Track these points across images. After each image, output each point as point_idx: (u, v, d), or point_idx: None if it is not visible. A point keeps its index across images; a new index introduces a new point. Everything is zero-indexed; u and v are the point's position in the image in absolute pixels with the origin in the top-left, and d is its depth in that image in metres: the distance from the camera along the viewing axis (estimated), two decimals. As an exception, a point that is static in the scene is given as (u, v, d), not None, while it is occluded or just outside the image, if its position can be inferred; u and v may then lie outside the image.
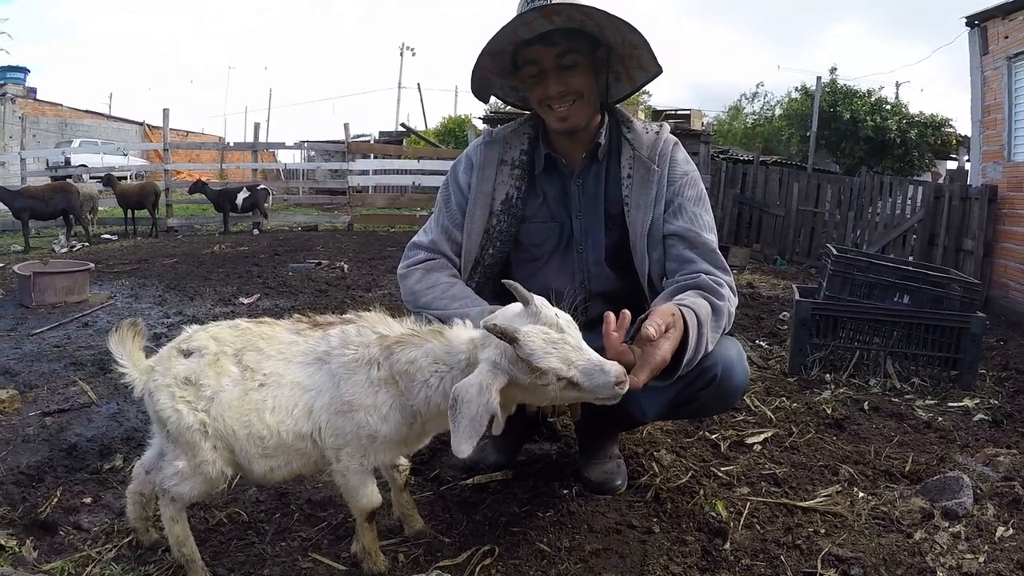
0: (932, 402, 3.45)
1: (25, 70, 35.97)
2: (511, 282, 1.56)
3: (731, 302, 1.95)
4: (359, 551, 1.88)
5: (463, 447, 1.44)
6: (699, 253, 2.01)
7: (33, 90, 34.05)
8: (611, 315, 1.64)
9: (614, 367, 1.50)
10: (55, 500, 2.32)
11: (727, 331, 1.96)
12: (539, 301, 1.52)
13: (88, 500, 2.34)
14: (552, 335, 1.48)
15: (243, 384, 1.72)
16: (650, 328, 1.61)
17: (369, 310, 1.84)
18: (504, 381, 1.49)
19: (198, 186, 13.00)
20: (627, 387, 1.53)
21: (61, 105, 33.26)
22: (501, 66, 2.09)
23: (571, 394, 1.53)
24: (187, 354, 1.76)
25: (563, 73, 1.98)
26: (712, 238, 2.05)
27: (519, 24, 1.89)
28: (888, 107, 19.30)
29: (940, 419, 3.14)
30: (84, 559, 1.96)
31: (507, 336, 1.44)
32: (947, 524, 2.10)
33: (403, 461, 2.00)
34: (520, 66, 2.05)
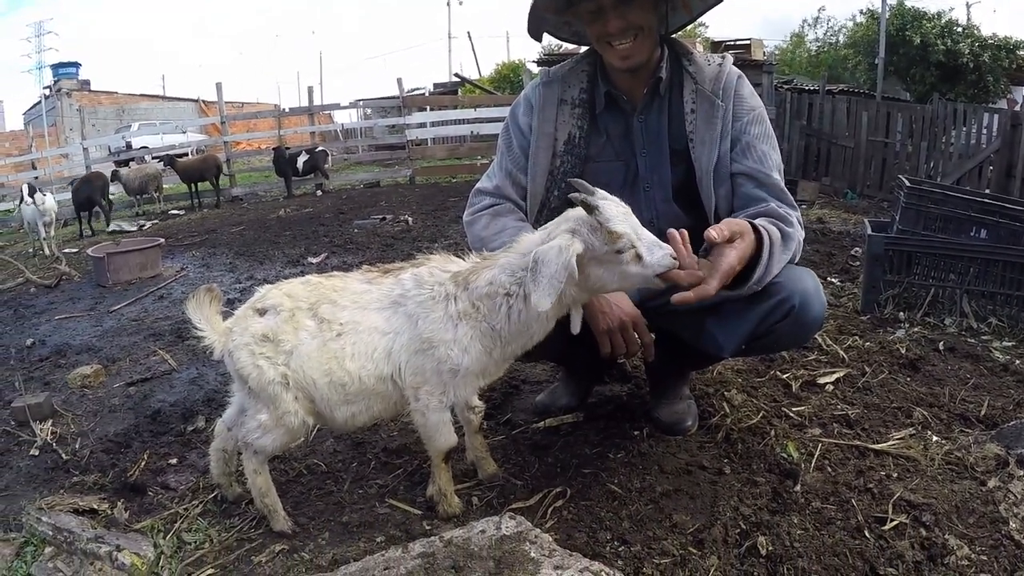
0: (1010, 343, 3.28)
1: (77, 64, 37.30)
2: (577, 180, 1.72)
3: (800, 233, 1.93)
4: (435, 493, 1.95)
5: (544, 301, 1.57)
6: (768, 192, 1.97)
7: (87, 82, 35.21)
8: (674, 231, 1.66)
9: (667, 247, 1.60)
10: (143, 463, 2.46)
11: (795, 261, 1.94)
12: (601, 192, 1.66)
13: (174, 461, 2.48)
14: (622, 207, 1.64)
15: (321, 336, 1.80)
16: (711, 232, 1.63)
17: (434, 254, 1.90)
18: (581, 247, 1.61)
19: (278, 151, 13.34)
20: (682, 273, 1.61)
21: (116, 92, 34.36)
22: (555, 4, 2.02)
23: (634, 270, 1.62)
24: (262, 312, 1.84)
25: (622, 8, 1.90)
26: (780, 178, 2.01)
27: None
28: (959, 29, 18.12)
29: (1018, 362, 3.00)
30: (172, 516, 2.09)
31: (588, 205, 1.59)
32: (1022, 472, 2.01)
33: (478, 403, 2.05)
34: (575, 2, 1.98)
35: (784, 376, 2.79)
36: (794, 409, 2.48)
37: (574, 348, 2.15)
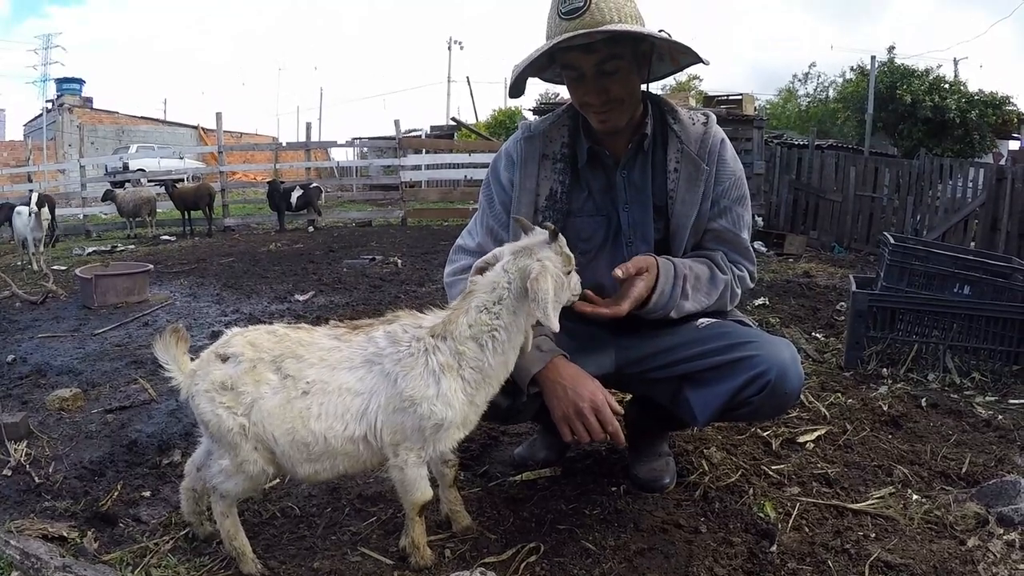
0: (992, 399, 3.31)
1: (81, 81, 37.75)
2: (519, 218, 1.93)
3: (738, 283, 2.12)
4: (407, 545, 1.91)
5: (554, 322, 1.71)
6: (729, 248, 2.13)
7: (89, 100, 35.50)
8: (586, 291, 1.94)
9: None
10: (116, 494, 2.42)
11: (725, 305, 2.12)
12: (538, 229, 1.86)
13: (147, 494, 2.44)
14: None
15: (284, 392, 1.77)
16: (617, 270, 1.91)
17: (400, 311, 1.90)
18: (553, 266, 1.78)
19: (272, 185, 13.42)
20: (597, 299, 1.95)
21: (117, 113, 34.64)
22: (537, 65, 2.03)
23: (566, 293, 1.84)
24: (224, 359, 1.81)
25: (603, 79, 1.91)
26: (747, 235, 2.15)
27: (559, 41, 1.83)
28: (946, 86, 18.54)
29: (1000, 417, 3.02)
30: (142, 550, 2.05)
31: (553, 231, 1.80)
32: (1002, 531, 2.01)
33: (451, 456, 2.02)
34: (558, 63, 2.00)
35: (764, 434, 2.78)
36: (773, 467, 2.48)
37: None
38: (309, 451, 1.77)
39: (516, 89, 2.04)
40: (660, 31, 1.92)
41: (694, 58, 2.00)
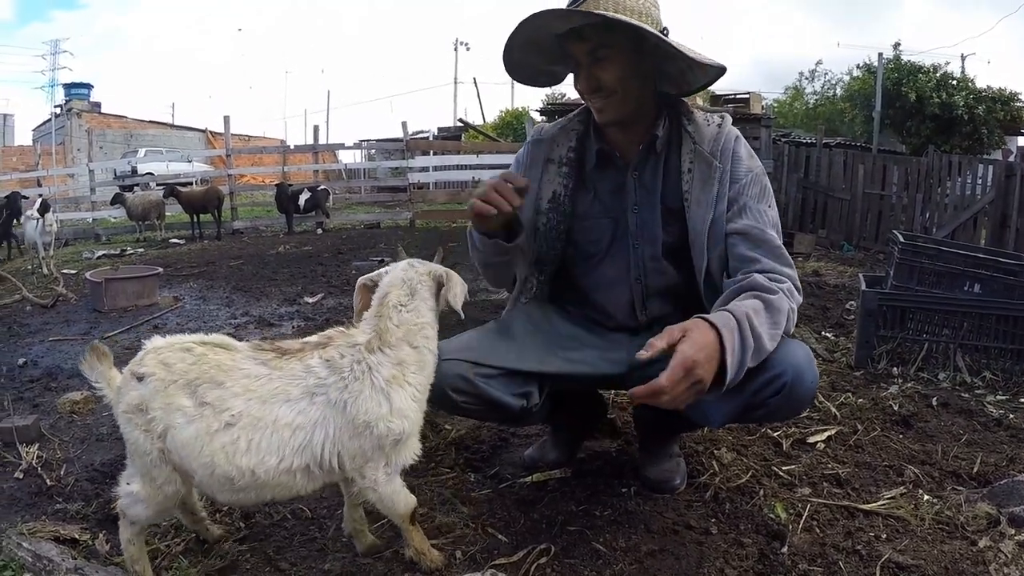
0: (1003, 397, 3.30)
1: (89, 86, 38.15)
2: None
3: (792, 297, 1.88)
4: (412, 555, 1.89)
5: (460, 302, 1.83)
6: (763, 252, 1.93)
7: (98, 104, 35.84)
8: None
9: None
10: (127, 496, 2.43)
11: (789, 329, 1.88)
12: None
13: (159, 497, 2.44)
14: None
15: (202, 422, 1.64)
16: (642, 352, 1.60)
17: (330, 330, 1.86)
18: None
19: (280, 187, 13.49)
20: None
21: (126, 117, 34.87)
22: (551, 55, 2.03)
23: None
24: (140, 379, 1.71)
25: (595, 67, 1.92)
26: (776, 234, 1.97)
27: (537, 20, 1.83)
28: (954, 82, 18.46)
29: (1011, 416, 3.00)
30: (153, 552, 2.04)
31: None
32: (1013, 531, 2.00)
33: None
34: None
35: (775, 434, 2.77)
36: (784, 468, 2.47)
37: (559, 409, 2.27)
38: (232, 484, 1.67)
39: (511, 67, 2.03)
40: (663, 29, 1.91)
41: (715, 70, 1.97)
